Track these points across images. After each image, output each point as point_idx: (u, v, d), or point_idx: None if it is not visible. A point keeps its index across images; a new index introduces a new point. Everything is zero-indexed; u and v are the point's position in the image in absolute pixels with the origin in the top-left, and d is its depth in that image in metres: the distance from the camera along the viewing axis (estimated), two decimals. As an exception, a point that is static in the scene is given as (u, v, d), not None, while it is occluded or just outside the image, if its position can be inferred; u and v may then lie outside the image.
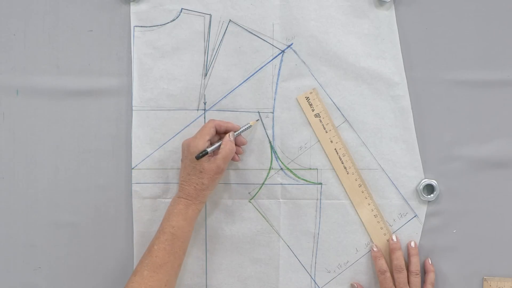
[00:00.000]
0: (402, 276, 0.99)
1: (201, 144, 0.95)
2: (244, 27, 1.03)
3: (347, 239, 1.04)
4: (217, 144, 0.97)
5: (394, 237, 1.02)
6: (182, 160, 0.98)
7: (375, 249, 1.02)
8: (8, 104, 1.05)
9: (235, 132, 0.99)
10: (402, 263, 1.00)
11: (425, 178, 1.03)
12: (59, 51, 1.04)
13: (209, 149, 0.95)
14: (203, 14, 1.03)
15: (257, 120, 1.02)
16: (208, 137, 0.96)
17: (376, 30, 1.02)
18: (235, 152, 0.99)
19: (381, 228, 1.03)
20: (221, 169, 0.95)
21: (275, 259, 1.05)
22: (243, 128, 1.00)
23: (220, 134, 1.00)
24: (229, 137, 0.97)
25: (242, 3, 1.03)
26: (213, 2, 1.03)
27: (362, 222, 1.03)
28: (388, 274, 1.00)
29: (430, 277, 1.01)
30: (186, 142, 0.97)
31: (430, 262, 1.02)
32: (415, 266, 1.00)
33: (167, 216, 0.95)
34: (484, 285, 1.04)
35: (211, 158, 0.96)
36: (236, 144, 0.99)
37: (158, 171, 1.04)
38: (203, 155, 0.95)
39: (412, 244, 1.02)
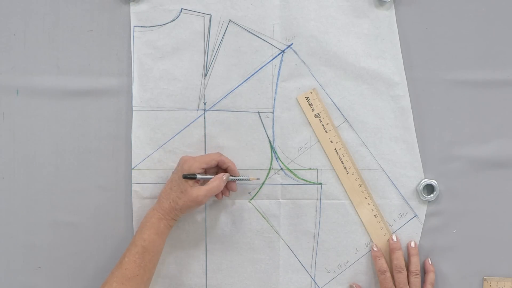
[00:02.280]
0: (402, 276, 0.99)
1: (196, 166, 0.96)
2: (244, 27, 1.03)
3: (347, 239, 1.04)
4: (208, 176, 0.97)
5: (394, 237, 1.02)
6: (172, 173, 0.99)
7: (375, 248, 1.02)
8: (8, 104, 1.05)
9: (231, 176, 1.00)
10: (402, 263, 1.00)
11: (425, 178, 1.03)
12: (59, 51, 1.04)
13: (199, 176, 0.96)
14: (203, 14, 1.03)
15: (257, 178, 1.03)
16: (205, 165, 0.97)
17: (376, 30, 1.02)
18: (221, 192, 1.00)
19: (381, 228, 1.03)
20: (199, 200, 0.95)
21: (275, 259, 1.05)
22: (241, 178, 1.01)
23: (220, 169, 1.00)
24: (222, 176, 0.98)
25: (242, 3, 1.03)
26: (213, 2, 1.03)
27: (362, 222, 1.03)
28: (388, 274, 1.00)
29: (430, 277, 1.01)
30: (185, 158, 0.98)
31: (430, 262, 1.02)
32: (415, 266, 1.00)
33: (140, 229, 0.96)
34: (484, 285, 1.04)
35: (197, 185, 0.96)
36: (226, 186, 1.00)
37: (158, 171, 1.04)
38: (191, 178, 0.95)
39: (412, 244, 1.02)
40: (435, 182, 1.02)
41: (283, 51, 1.03)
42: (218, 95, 1.04)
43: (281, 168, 1.04)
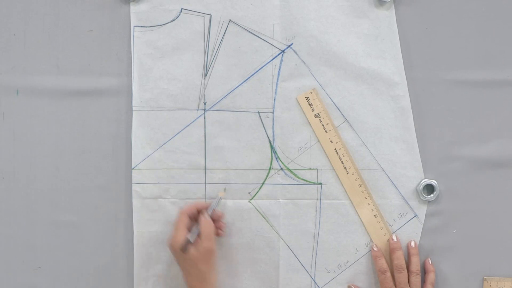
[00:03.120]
0: (402, 276, 0.99)
1: (180, 236, 0.95)
2: (244, 27, 1.03)
3: (347, 239, 1.04)
4: (195, 228, 0.97)
5: (394, 237, 1.02)
6: (177, 262, 0.98)
7: (375, 248, 1.02)
8: (8, 104, 1.05)
9: (207, 209, 0.99)
10: (402, 262, 1.00)
11: (425, 178, 1.03)
12: (59, 51, 1.04)
13: (189, 236, 0.95)
14: (203, 14, 1.03)
15: (224, 190, 1.02)
16: (183, 227, 0.97)
17: (376, 30, 1.02)
18: (218, 228, 1.00)
19: (381, 228, 1.03)
20: (210, 249, 0.96)
21: (275, 259, 1.05)
22: (214, 203, 1.00)
23: (196, 218, 1.00)
24: (204, 217, 0.98)
25: (242, 3, 1.03)
26: (213, 2, 1.03)
27: (362, 222, 1.03)
28: (389, 274, 1.00)
29: (430, 277, 1.01)
30: (169, 242, 0.97)
31: (430, 262, 1.02)
32: (415, 266, 1.00)
33: None
34: (484, 285, 1.04)
35: (197, 244, 0.96)
36: (214, 220, 1.00)
37: (158, 171, 1.04)
38: (187, 244, 0.95)
39: (412, 244, 1.02)
40: (435, 182, 1.02)
41: (283, 51, 1.03)
42: (218, 95, 1.04)
43: (281, 168, 1.04)
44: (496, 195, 1.03)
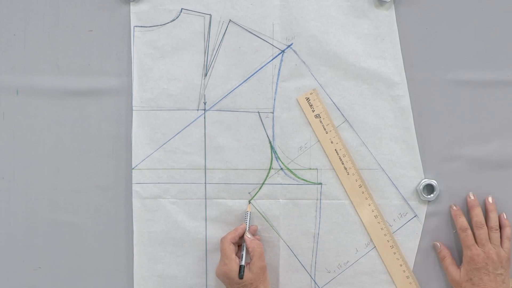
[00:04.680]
0: (483, 232, 0.98)
1: (234, 264, 0.97)
2: (244, 27, 1.03)
3: (347, 239, 1.04)
4: (244, 253, 0.99)
5: (471, 195, 1.01)
6: None
7: (454, 207, 1.01)
8: (8, 104, 1.05)
9: (246, 229, 1.01)
10: (482, 219, 0.99)
11: (425, 178, 1.03)
12: (59, 51, 1.04)
13: (243, 262, 0.97)
14: (203, 14, 1.03)
15: (249, 202, 1.04)
16: (233, 255, 0.98)
17: (376, 30, 1.02)
18: (258, 239, 1.02)
19: (382, 229, 1.03)
20: (264, 267, 0.98)
21: (275, 259, 1.05)
22: (247, 219, 1.02)
23: (238, 243, 1.01)
24: (248, 238, 1.00)
25: (242, 3, 1.03)
26: (213, 2, 1.03)
27: (363, 222, 1.03)
28: (470, 232, 0.99)
29: (506, 231, 1.00)
30: (220, 272, 0.98)
31: (505, 217, 1.01)
32: (494, 221, 0.99)
33: None
34: (484, 285, 1.04)
35: (250, 266, 0.98)
36: (253, 235, 1.02)
37: (158, 171, 1.04)
38: (243, 271, 0.96)
39: (490, 199, 1.01)
40: (435, 182, 1.02)
41: (283, 51, 1.03)
42: (218, 95, 1.04)
43: (281, 168, 1.04)
44: (496, 195, 1.03)
